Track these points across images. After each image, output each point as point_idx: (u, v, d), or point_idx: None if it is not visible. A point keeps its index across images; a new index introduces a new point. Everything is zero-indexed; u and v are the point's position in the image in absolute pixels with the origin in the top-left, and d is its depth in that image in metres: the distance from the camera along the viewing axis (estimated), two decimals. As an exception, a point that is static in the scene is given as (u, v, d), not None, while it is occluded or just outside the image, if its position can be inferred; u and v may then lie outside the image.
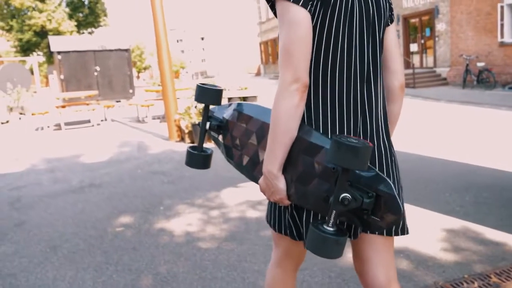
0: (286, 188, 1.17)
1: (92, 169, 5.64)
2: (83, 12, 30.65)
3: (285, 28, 1.09)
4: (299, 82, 1.08)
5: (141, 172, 5.26)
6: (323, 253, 1.04)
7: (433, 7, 17.33)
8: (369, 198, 1.03)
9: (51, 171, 5.66)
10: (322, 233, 1.02)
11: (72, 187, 4.78)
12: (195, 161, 1.46)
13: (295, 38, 1.08)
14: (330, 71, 1.15)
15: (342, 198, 1.01)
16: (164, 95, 7.10)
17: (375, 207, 1.04)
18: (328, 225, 1.03)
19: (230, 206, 3.78)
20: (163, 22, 6.99)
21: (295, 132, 1.13)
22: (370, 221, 1.06)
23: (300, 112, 1.11)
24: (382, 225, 1.06)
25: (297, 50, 1.08)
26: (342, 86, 1.16)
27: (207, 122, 1.42)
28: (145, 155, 6.30)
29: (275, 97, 1.11)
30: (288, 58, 1.08)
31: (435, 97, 12.70)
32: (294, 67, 1.07)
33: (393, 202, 1.02)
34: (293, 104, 1.08)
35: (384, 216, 1.04)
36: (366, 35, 1.19)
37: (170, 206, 3.91)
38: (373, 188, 1.03)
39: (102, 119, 11.12)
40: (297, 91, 1.08)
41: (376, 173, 1.05)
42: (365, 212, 1.05)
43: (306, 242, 1.07)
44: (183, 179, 4.79)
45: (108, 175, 5.24)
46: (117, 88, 15.59)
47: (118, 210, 3.89)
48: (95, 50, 15.27)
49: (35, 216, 3.89)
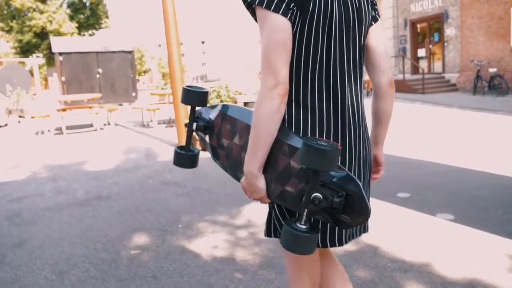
0: (265, 187, 1.21)
1: (98, 178, 5.20)
2: (84, 14, 30.28)
3: (265, 35, 1.12)
4: (279, 86, 1.11)
5: (152, 183, 4.83)
6: (295, 249, 1.08)
7: (442, 12, 17.01)
8: (339, 198, 1.08)
9: (53, 180, 5.22)
10: (295, 231, 1.06)
11: (77, 199, 4.35)
12: (182, 160, 1.50)
13: (275, 44, 1.11)
14: (310, 77, 1.19)
15: (313, 197, 1.05)
16: (174, 99, 6.68)
17: (345, 206, 1.09)
18: (301, 223, 1.07)
19: (259, 225, 3.36)
20: (174, 22, 6.58)
21: (275, 135, 1.16)
22: (341, 219, 1.11)
23: (280, 116, 1.15)
24: (351, 223, 1.11)
25: (277, 56, 1.11)
26: (322, 91, 1.20)
27: (194, 123, 1.45)
28: (154, 163, 5.87)
29: (256, 101, 1.15)
30: (268, 64, 1.12)
31: (446, 103, 12.35)
32: (274, 72, 1.11)
33: (360, 201, 1.07)
34: (273, 108, 1.12)
35: (353, 215, 1.09)
36: (346, 40, 1.22)
37: (189, 223, 3.48)
38: (343, 188, 1.08)
39: (105, 123, 10.69)
40: (278, 95, 1.12)
41: (347, 174, 1.10)
42: (335, 211, 1.10)
43: (280, 239, 1.11)
44: (199, 192, 4.36)
45: (117, 185, 4.81)
46: (120, 91, 15.15)
47: (131, 227, 3.46)
48: (97, 51, 14.83)
49: (37, 233, 3.46)
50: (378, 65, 1.36)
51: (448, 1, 16.72)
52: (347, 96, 1.24)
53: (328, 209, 1.10)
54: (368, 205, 1.09)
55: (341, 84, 1.22)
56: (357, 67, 1.26)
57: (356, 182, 1.08)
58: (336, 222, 1.13)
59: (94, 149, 7.41)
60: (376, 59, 1.35)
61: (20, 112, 13.38)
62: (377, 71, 1.36)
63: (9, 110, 13.33)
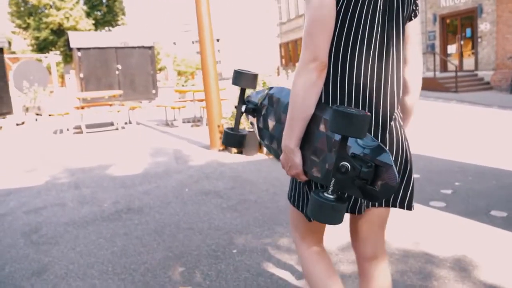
0: (302, 163, 1.22)
1: (125, 185, 4.58)
2: (101, 11, 29.95)
3: (310, 10, 1.14)
4: (317, 61, 1.13)
5: (189, 192, 4.18)
6: (321, 218, 1.09)
7: (475, 6, 16.09)
8: (368, 168, 1.07)
9: (75, 187, 4.61)
10: (320, 199, 1.08)
11: (104, 212, 3.72)
12: (231, 140, 1.52)
13: (317, 19, 1.13)
14: (349, 56, 1.19)
15: (341, 166, 1.06)
16: (207, 96, 6.04)
17: (374, 177, 1.09)
18: (328, 192, 1.09)
19: (333, 250, 2.68)
20: (208, 15, 5.94)
21: (312, 109, 1.18)
22: (369, 191, 1.11)
23: (318, 90, 1.16)
24: (379, 195, 1.11)
25: (317, 31, 1.13)
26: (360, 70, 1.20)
27: (243, 105, 1.48)
28: (187, 168, 5.22)
29: (294, 75, 1.16)
30: (309, 38, 1.14)
31: (484, 103, 11.54)
32: (313, 46, 1.13)
33: (389, 172, 1.07)
34: (310, 81, 1.13)
35: (381, 186, 1.09)
36: (389, 23, 1.22)
37: (245, 248, 2.82)
38: (373, 159, 1.09)
39: (126, 121, 10.11)
40: (315, 69, 1.13)
41: (378, 145, 1.10)
42: (363, 182, 1.09)
43: (308, 208, 1.13)
44: (248, 205, 3.70)
45: (148, 194, 4.17)
46: (140, 88, 14.54)
47: (174, 252, 2.81)
48: (116, 47, 14.25)
49: (60, 257, 2.84)
50: (410, 60, 1.36)
51: (483, -5, 15.81)
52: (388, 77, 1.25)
53: (357, 180, 1.08)
54: (397, 176, 1.07)
55: (381, 66, 1.23)
56: (400, 51, 1.27)
57: (386, 154, 1.08)
58: (365, 194, 1.11)
59: (117, 150, 6.81)
60: (409, 54, 1.36)
61: (37, 110, 12.91)
62: (407, 66, 1.36)
63: (26, 108, 12.88)
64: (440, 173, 4.40)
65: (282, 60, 35.80)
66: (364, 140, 1.11)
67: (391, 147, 1.26)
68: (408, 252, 2.62)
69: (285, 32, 34.44)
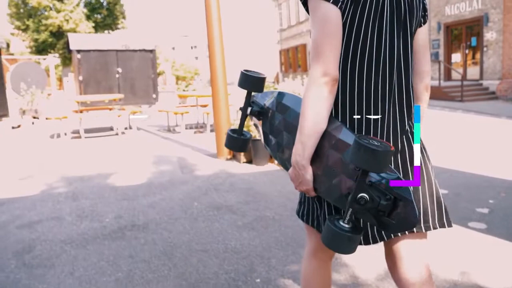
0: (312, 179, 1.19)
1: (128, 196, 4.21)
2: (101, 14, 29.63)
3: (317, 24, 1.13)
4: (328, 76, 1.10)
5: (199, 206, 3.81)
6: (336, 247, 1.08)
7: (481, 15, 15.88)
8: (387, 201, 1.05)
9: (73, 198, 4.24)
10: (337, 229, 1.05)
11: (106, 228, 3.35)
12: (234, 143, 1.48)
13: (325, 33, 1.11)
14: (358, 66, 1.17)
15: (360, 197, 1.03)
16: (215, 102, 5.70)
17: (392, 210, 1.05)
18: (344, 221, 1.06)
19: (371, 283, 2.32)
20: (218, 17, 5.62)
21: (324, 125, 1.14)
22: (386, 223, 1.07)
23: (329, 106, 1.13)
24: (395, 228, 1.07)
25: (326, 45, 1.11)
26: (370, 81, 1.18)
27: (248, 107, 1.43)
28: (193, 178, 4.86)
29: (304, 90, 1.14)
30: (318, 53, 1.11)
31: (491, 113, 11.30)
32: (323, 61, 1.10)
33: (409, 207, 1.03)
34: (322, 96, 1.10)
35: (400, 220, 1.05)
36: (397, 32, 1.20)
37: (269, 276, 2.46)
38: (392, 191, 1.05)
39: (126, 126, 9.75)
40: (326, 84, 1.11)
41: (397, 177, 1.06)
42: (381, 214, 1.06)
43: (322, 235, 1.11)
44: (266, 223, 3.34)
45: (153, 208, 3.81)
46: (140, 93, 14.18)
47: (188, 281, 2.45)
48: (117, 49, 13.91)
49: (56, 284, 2.47)
50: (419, 68, 1.33)
51: (489, 4, 15.61)
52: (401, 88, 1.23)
53: (373, 210, 1.06)
54: (417, 213, 1.04)
55: (392, 75, 1.20)
56: (408, 60, 1.24)
57: (406, 187, 1.04)
58: (380, 224, 1.09)
59: (118, 157, 6.44)
60: (418, 62, 1.33)
61: (34, 113, 12.53)
62: (416, 74, 1.34)
63: (23, 110, 12.50)
64: (470, 188, 4.07)
65: (282, 67, 35.54)
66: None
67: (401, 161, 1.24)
68: (458, 285, 2.28)
69: (285, 38, 34.23)
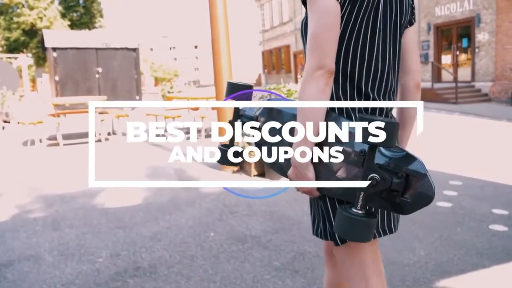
0: (315, 177, 1.15)
1: (124, 223, 3.39)
2: (78, 12, 28.34)
3: (315, 16, 1.12)
4: (324, 68, 1.10)
5: (216, 238, 3.02)
6: (352, 236, 1.04)
7: (473, 15, 15.61)
8: (399, 179, 1.02)
9: (54, 226, 3.39)
10: (351, 215, 1.01)
11: (100, 273, 2.53)
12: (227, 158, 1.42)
13: (323, 25, 1.10)
14: (350, 61, 1.17)
15: (370, 178, 1.00)
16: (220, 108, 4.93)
17: (406, 188, 1.03)
18: (357, 208, 1.02)
19: None
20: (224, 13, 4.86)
21: (323, 118, 1.12)
22: (401, 203, 1.04)
23: (327, 98, 1.11)
24: (411, 207, 1.04)
25: (324, 37, 1.10)
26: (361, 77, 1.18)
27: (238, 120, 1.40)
28: (200, 197, 4.05)
29: (301, 84, 1.13)
30: (315, 44, 1.11)
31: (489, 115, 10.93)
32: (320, 54, 1.10)
33: (424, 181, 1.01)
34: (318, 89, 1.09)
35: (415, 196, 1.02)
36: (388, 32, 1.22)
37: None
38: (403, 169, 1.03)
39: (109, 131, 8.83)
40: (322, 76, 1.09)
41: (406, 153, 1.05)
42: (395, 194, 1.04)
43: (335, 225, 1.07)
44: (309, 262, 2.57)
45: (159, 241, 3.00)
46: (122, 94, 13.17)
47: None
48: (97, 48, 12.89)
49: None
50: (409, 67, 1.34)
51: (481, 4, 15.35)
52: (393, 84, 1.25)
53: (386, 192, 1.04)
54: (433, 185, 1.01)
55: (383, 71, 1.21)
56: (396, 58, 1.26)
57: (418, 161, 1.02)
58: (395, 207, 1.06)
59: (104, 169, 5.55)
60: (408, 61, 1.34)
61: (5, 117, 11.41)
62: (407, 73, 1.34)
63: (-8, 114, 11.38)
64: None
65: (264, 69, 34.91)
66: (389, 149, 1.05)
67: None
68: None
69: (268, 39, 33.66)
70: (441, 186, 4.05)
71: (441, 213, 3.39)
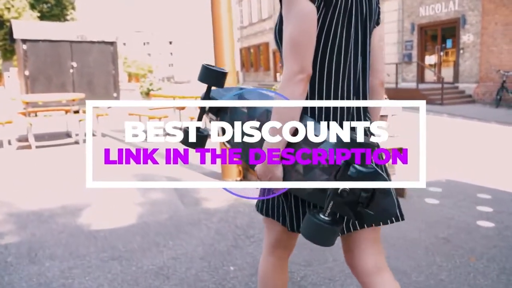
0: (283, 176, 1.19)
1: (118, 253, 2.77)
2: (48, 3, 26.95)
3: (293, 20, 1.12)
4: (304, 72, 1.12)
5: (238, 273, 2.45)
6: (317, 240, 1.09)
7: (458, 16, 15.54)
8: (366, 193, 1.07)
9: (30, 258, 2.73)
10: (319, 222, 1.06)
11: (96, 330, 1.93)
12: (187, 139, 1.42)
13: (303, 30, 1.11)
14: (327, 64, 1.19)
15: (341, 190, 1.05)
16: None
17: (370, 201, 1.08)
18: (325, 214, 1.07)
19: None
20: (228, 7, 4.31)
21: (297, 118, 1.15)
22: (363, 214, 1.09)
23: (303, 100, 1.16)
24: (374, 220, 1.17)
25: (304, 42, 1.11)
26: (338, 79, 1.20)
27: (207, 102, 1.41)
28: (205, 215, 3.46)
29: (280, 86, 1.14)
30: (295, 49, 1.11)
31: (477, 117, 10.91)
32: (301, 58, 1.11)
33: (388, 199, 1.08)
34: (298, 93, 1.11)
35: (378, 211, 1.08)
36: (361, 34, 1.24)
37: None
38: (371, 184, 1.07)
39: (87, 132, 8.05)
40: (302, 81, 1.12)
41: (375, 170, 1.08)
42: (359, 205, 1.08)
43: (302, 229, 1.11)
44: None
45: (167, 278, 2.40)
46: (98, 90, 12.32)
47: None
48: (72, 41, 12.00)
49: None
50: (374, 66, 1.36)
51: (466, 5, 15.29)
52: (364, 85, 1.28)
53: (351, 203, 1.08)
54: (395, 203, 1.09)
55: (355, 74, 1.24)
56: (367, 59, 1.28)
57: (384, 179, 1.07)
58: (357, 216, 1.10)
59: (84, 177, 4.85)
60: (373, 61, 1.35)
61: (-32, 114, 10.43)
62: (372, 72, 1.36)
63: (-47, 111, 10.36)
64: None
65: (242, 66, 34.33)
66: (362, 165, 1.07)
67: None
68: None
69: (246, 36, 33.11)
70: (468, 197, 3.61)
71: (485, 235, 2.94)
